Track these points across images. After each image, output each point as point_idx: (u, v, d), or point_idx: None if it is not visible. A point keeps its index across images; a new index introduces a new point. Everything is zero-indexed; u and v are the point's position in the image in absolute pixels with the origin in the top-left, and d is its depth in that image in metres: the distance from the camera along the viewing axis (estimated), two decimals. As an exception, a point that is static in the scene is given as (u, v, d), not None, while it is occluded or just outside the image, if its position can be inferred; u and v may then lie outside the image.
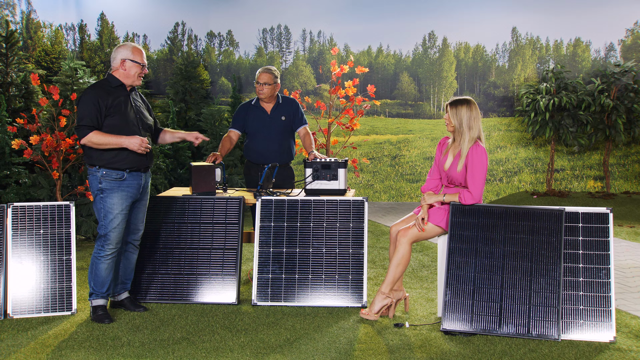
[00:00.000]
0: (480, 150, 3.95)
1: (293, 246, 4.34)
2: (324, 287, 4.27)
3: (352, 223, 4.35)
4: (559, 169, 9.16)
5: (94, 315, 3.99)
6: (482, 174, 3.95)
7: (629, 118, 8.50)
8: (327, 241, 4.34)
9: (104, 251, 3.97)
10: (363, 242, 4.32)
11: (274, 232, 4.36)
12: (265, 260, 4.32)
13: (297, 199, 4.41)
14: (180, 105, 8.91)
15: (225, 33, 9.75)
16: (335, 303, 4.23)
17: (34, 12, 9.27)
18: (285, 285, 4.28)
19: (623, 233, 6.91)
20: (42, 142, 5.67)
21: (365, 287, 4.26)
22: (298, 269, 4.30)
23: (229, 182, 7.61)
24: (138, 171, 4.04)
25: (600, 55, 9.10)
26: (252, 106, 4.99)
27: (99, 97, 3.88)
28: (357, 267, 4.29)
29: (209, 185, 4.52)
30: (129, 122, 3.97)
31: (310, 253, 4.33)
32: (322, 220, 4.36)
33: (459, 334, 3.75)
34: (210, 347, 3.55)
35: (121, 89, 4.01)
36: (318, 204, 4.39)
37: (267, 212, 4.39)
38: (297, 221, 4.37)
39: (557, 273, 3.76)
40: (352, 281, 4.27)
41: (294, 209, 4.39)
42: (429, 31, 9.48)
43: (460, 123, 3.98)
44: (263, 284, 4.29)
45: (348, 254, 4.31)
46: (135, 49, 4.01)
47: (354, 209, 4.36)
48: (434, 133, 9.59)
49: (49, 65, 9.09)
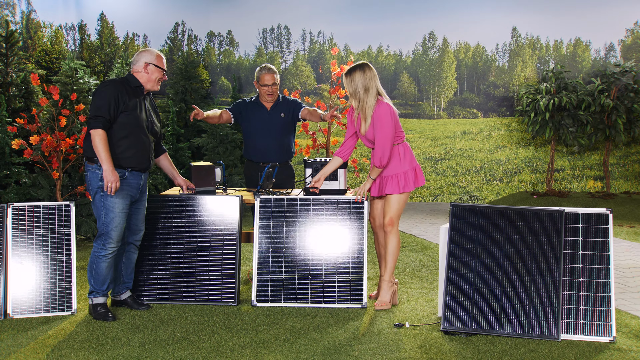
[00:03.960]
0: (383, 106, 4.04)
1: (292, 246, 4.31)
2: (324, 287, 4.25)
3: (352, 223, 4.32)
4: (559, 169, 9.16)
5: (94, 313, 4.00)
6: (387, 130, 4.02)
7: (629, 118, 8.50)
8: (327, 241, 4.30)
9: (105, 250, 3.97)
10: (363, 243, 4.29)
11: (273, 232, 4.33)
12: (264, 261, 4.30)
13: (296, 198, 4.37)
14: (180, 105, 8.91)
15: (225, 33, 9.75)
16: (335, 304, 4.22)
17: (34, 12, 9.28)
18: (285, 286, 4.26)
19: (623, 233, 6.91)
20: (42, 142, 5.67)
21: (365, 288, 4.24)
22: (298, 270, 4.27)
23: (229, 182, 7.61)
24: (139, 171, 4.06)
25: (600, 55, 9.10)
26: (252, 103, 4.99)
27: (119, 92, 3.93)
28: (357, 268, 4.26)
29: (208, 185, 4.54)
30: (139, 123, 4.01)
31: (310, 253, 4.30)
32: (322, 220, 4.34)
33: (459, 334, 3.75)
34: (210, 347, 3.55)
35: (139, 90, 4.07)
36: (317, 203, 4.37)
37: (266, 211, 4.36)
38: (296, 221, 4.34)
39: (557, 273, 3.76)
40: (352, 282, 4.25)
41: (293, 208, 4.36)
42: (429, 31, 9.49)
43: (356, 88, 4.05)
44: (263, 284, 4.27)
45: (348, 255, 4.28)
46: (159, 55, 4.10)
47: (353, 208, 4.35)
48: (434, 133, 9.59)
49: (49, 65, 9.09)
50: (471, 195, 9.24)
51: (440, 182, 9.46)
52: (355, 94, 4.07)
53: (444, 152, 9.53)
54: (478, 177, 9.40)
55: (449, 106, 9.59)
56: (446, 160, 9.50)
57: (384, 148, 4.06)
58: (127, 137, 3.96)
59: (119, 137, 3.95)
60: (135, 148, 3.99)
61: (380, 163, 4.10)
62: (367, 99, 4.06)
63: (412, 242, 6.46)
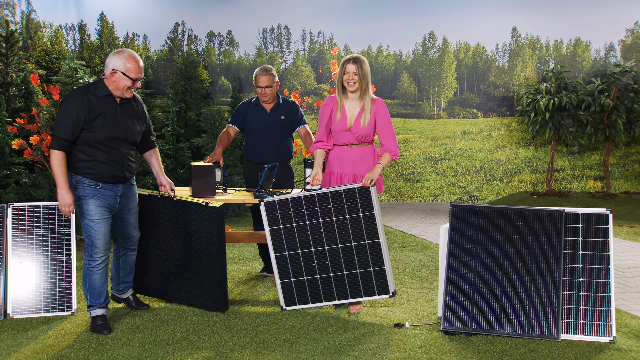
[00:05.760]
0: (383, 103, 4.09)
1: (307, 246, 4.18)
2: (348, 281, 4.15)
3: (363, 212, 4.10)
4: (559, 169, 9.16)
5: (92, 325, 3.85)
6: (390, 122, 4.13)
7: (629, 118, 8.50)
8: (340, 235, 4.14)
9: (93, 261, 3.83)
10: (377, 230, 4.08)
11: (285, 235, 4.19)
12: (283, 265, 4.20)
13: (300, 196, 4.18)
14: (180, 105, 8.92)
15: (225, 33, 9.75)
16: (362, 297, 4.14)
17: (34, 12, 9.28)
18: (309, 286, 4.19)
19: (623, 233, 6.90)
20: (42, 142, 5.67)
21: (389, 275, 4.10)
22: (318, 268, 4.18)
23: (229, 182, 7.61)
24: (114, 183, 3.85)
25: (600, 55, 9.10)
26: (252, 105, 4.99)
27: (79, 108, 3.66)
28: (377, 256, 4.10)
29: (209, 185, 4.48)
30: (108, 136, 3.75)
31: (327, 250, 4.16)
32: (331, 213, 4.15)
33: (459, 334, 3.75)
34: (210, 347, 3.55)
35: (109, 99, 3.79)
36: (323, 198, 4.15)
37: (272, 214, 4.20)
38: (305, 219, 4.18)
39: (557, 273, 3.76)
40: (375, 271, 4.11)
41: (299, 207, 4.19)
42: (429, 31, 9.49)
43: (364, 76, 4.01)
44: (287, 288, 4.21)
45: (365, 245, 4.12)
46: (130, 59, 3.74)
47: (360, 197, 4.11)
48: (434, 133, 9.59)
49: (49, 65, 9.09)
50: (471, 195, 9.25)
51: (440, 182, 9.46)
52: (362, 82, 4.04)
53: (444, 152, 9.53)
54: (478, 177, 9.40)
55: (449, 106, 9.59)
56: (446, 160, 9.50)
57: (394, 138, 4.12)
58: (94, 152, 3.74)
59: (87, 152, 3.74)
60: (105, 162, 3.77)
61: (396, 153, 4.13)
62: (368, 90, 4.07)
63: (412, 242, 6.46)
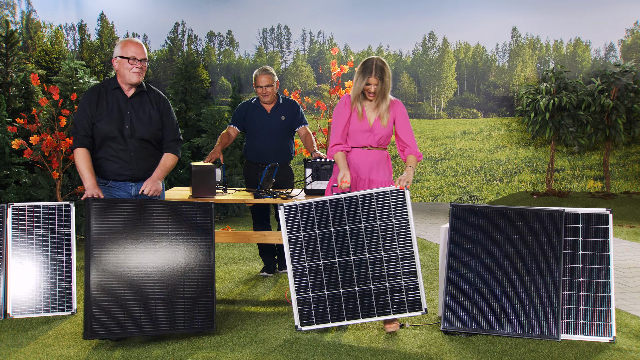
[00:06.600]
0: (402, 104, 4.06)
1: (331, 256, 3.73)
2: (375, 297, 3.71)
3: (395, 219, 3.72)
4: (559, 169, 9.16)
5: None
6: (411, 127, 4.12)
7: (629, 118, 8.50)
8: (369, 244, 3.73)
9: None
10: (411, 239, 3.71)
11: (306, 243, 3.74)
12: (302, 277, 3.73)
13: (326, 199, 3.75)
14: (180, 105, 8.92)
15: (225, 33, 9.76)
16: (391, 315, 3.70)
17: (34, 12, 9.28)
18: (330, 302, 3.71)
19: (623, 233, 6.91)
20: (42, 142, 5.68)
21: (422, 290, 3.70)
22: (341, 282, 3.72)
23: (229, 182, 7.61)
24: (123, 181, 3.84)
25: (600, 55, 9.10)
26: (252, 105, 4.99)
27: (89, 103, 3.75)
28: (409, 267, 3.71)
29: (208, 185, 4.48)
30: (113, 130, 3.74)
31: (352, 261, 3.73)
32: (359, 220, 3.74)
33: (459, 334, 3.75)
34: (210, 347, 3.56)
35: (118, 92, 3.81)
36: (351, 202, 3.76)
37: (293, 219, 3.75)
38: (329, 226, 3.74)
39: (557, 273, 3.76)
40: (407, 286, 3.71)
41: (323, 212, 3.75)
42: (429, 31, 9.49)
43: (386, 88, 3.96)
44: (304, 304, 3.72)
45: (396, 255, 3.72)
46: (126, 43, 3.76)
47: (393, 201, 3.75)
48: (434, 133, 9.59)
49: (49, 65, 9.10)
50: (471, 195, 9.25)
51: (440, 182, 9.46)
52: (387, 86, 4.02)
53: (444, 152, 9.53)
54: (478, 177, 9.40)
55: (449, 106, 9.59)
56: (446, 160, 9.50)
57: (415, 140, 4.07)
58: (101, 147, 3.78)
59: (96, 148, 3.79)
60: (110, 158, 3.78)
61: (420, 154, 4.06)
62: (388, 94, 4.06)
63: (412, 242, 6.46)
